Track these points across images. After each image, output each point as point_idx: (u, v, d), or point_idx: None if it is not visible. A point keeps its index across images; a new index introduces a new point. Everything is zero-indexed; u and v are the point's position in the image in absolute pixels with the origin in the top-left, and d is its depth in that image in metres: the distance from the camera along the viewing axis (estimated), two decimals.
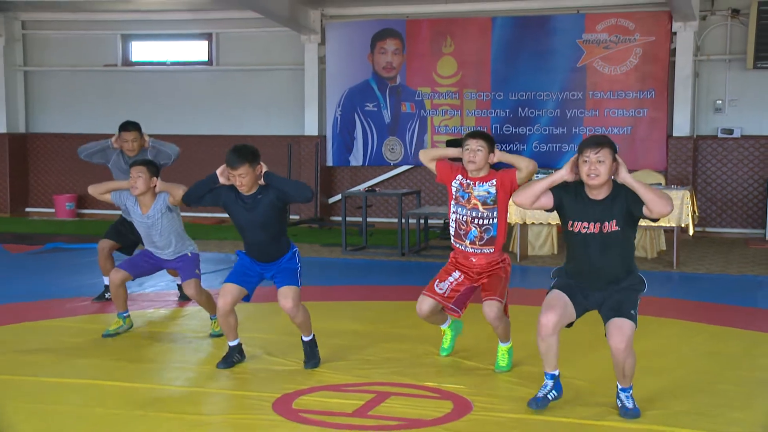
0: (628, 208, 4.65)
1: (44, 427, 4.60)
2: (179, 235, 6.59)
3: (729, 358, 6.09)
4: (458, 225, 5.56)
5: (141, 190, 6.31)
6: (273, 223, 5.57)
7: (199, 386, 5.37)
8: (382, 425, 4.58)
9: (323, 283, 9.35)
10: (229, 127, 15.29)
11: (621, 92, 13.42)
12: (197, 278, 6.56)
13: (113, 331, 6.56)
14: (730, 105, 13.40)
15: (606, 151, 4.63)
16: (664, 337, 6.78)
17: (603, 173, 4.62)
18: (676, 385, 5.39)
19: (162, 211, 6.39)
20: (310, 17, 14.40)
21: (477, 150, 5.44)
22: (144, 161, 6.50)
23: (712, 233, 13.39)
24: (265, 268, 5.70)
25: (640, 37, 13.24)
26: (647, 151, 13.39)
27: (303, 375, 5.50)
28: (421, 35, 14.14)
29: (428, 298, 5.56)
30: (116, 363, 5.88)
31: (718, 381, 5.49)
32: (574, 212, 4.76)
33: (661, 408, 4.88)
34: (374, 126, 14.46)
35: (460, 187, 5.57)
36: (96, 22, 15.69)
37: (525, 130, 13.82)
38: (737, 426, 4.61)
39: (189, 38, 15.71)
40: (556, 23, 13.64)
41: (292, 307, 5.53)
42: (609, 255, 4.73)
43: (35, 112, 16.19)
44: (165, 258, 6.62)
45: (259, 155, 5.49)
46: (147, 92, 15.66)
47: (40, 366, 5.72)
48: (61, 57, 16.07)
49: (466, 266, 5.57)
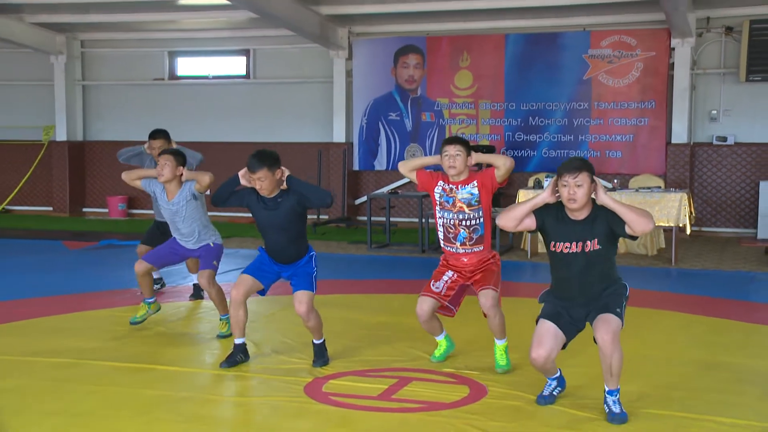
0: (610, 227, 4.41)
1: (103, 404, 4.63)
2: (203, 223, 6.33)
3: (723, 347, 6.05)
4: (446, 229, 5.32)
5: (167, 177, 6.09)
6: (292, 225, 5.36)
7: (236, 371, 5.37)
8: (405, 407, 4.58)
9: (350, 277, 9.38)
10: (264, 134, 15.34)
11: (624, 103, 13.35)
12: (213, 269, 6.27)
13: (140, 317, 6.41)
14: (724, 114, 13.34)
15: (584, 175, 4.39)
16: (663, 328, 6.74)
17: (581, 197, 4.38)
18: (675, 372, 5.36)
19: (187, 199, 6.17)
20: (338, 34, 14.41)
21: (456, 155, 5.18)
22: (171, 150, 6.32)
23: (707, 232, 13.32)
24: (282, 269, 5.47)
25: (642, 52, 13.18)
26: (648, 157, 13.33)
27: (332, 361, 5.49)
28: (440, 51, 14.13)
29: (428, 298, 5.26)
30: (161, 349, 5.92)
31: (713, 368, 5.45)
32: (556, 233, 4.51)
33: (661, 393, 4.85)
34: (397, 134, 14.46)
35: (443, 193, 5.31)
36: (145, 41, 15.80)
37: (535, 137, 13.78)
38: (731, 409, 4.57)
39: (229, 54, 15.77)
40: (564, 40, 13.60)
41: (306, 311, 5.31)
42: (592, 273, 4.48)
43: (92, 121, 16.32)
44: (189, 247, 6.36)
45: (278, 160, 5.28)
46: (191, 103, 15.74)
47: (98, 351, 5.76)
48: (114, 72, 16.19)
49: (458, 266, 5.32)
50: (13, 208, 16.35)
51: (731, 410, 4.56)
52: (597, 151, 13.55)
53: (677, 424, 4.32)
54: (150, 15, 14.29)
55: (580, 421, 4.39)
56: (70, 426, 4.27)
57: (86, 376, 5.18)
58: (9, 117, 16.37)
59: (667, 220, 10.04)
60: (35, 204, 16.16)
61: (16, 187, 16.31)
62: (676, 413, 4.49)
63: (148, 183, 6.30)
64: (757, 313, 7.39)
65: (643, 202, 10.11)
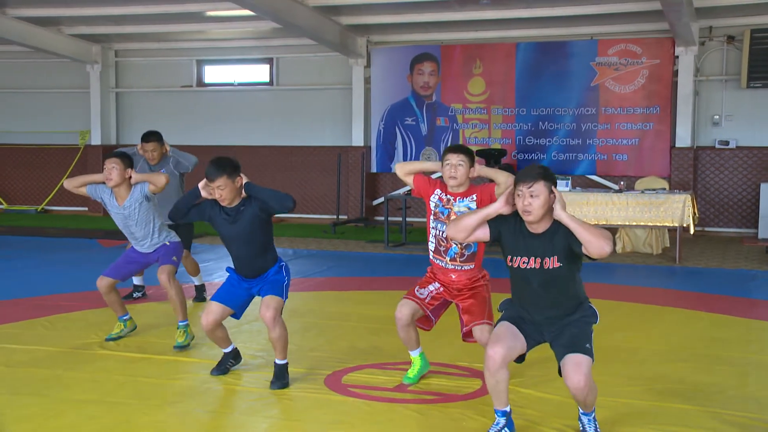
0: (569, 244, 3.77)
1: (134, 393, 4.66)
2: (157, 225, 5.81)
3: (726, 342, 6.01)
4: (438, 241, 4.71)
5: (116, 181, 5.58)
6: (258, 235, 4.82)
7: (259, 363, 5.36)
8: (420, 399, 4.59)
9: (368, 275, 9.39)
10: (287, 139, 15.40)
11: (630, 108, 13.29)
12: (173, 264, 5.77)
13: (115, 335, 5.86)
14: (726, 119, 13.26)
15: (540, 185, 3.76)
16: (667, 324, 6.71)
17: (536, 208, 3.76)
18: (678, 365, 5.33)
19: (139, 201, 5.65)
20: (357, 43, 14.43)
21: (458, 165, 4.59)
22: (117, 153, 5.75)
23: (710, 232, 13.24)
24: (252, 283, 4.91)
25: (647, 60, 13.11)
26: (653, 160, 13.26)
27: (350, 355, 5.50)
28: (454, 59, 14.11)
29: (410, 302, 4.67)
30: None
31: (715, 362, 5.42)
32: (512, 247, 3.92)
33: (663, 386, 4.83)
34: (413, 137, 14.45)
35: (439, 203, 4.72)
36: (175, 50, 15.88)
37: (545, 141, 13.74)
38: (732, 402, 4.54)
39: (253, 62, 15.82)
40: (573, 48, 13.54)
41: (272, 318, 4.68)
42: (552, 291, 3.88)
43: (124, 126, 16.42)
44: (145, 251, 5.85)
45: (239, 167, 4.74)
46: (217, 109, 15.81)
47: (130, 343, 5.79)
48: (146, 80, 16.29)
49: (445, 282, 4.73)
50: (52, 208, 16.48)
51: (732, 403, 4.54)
52: (604, 155, 13.49)
53: (681, 416, 4.30)
54: (179, 26, 14.38)
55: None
56: (106, 414, 4.29)
57: (118, 368, 5.21)
58: (48, 122, 16.52)
59: (672, 220, 9.99)
60: (72, 204, 16.27)
61: (54, 189, 16.44)
62: (679, 405, 4.47)
63: (94, 189, 5.77)
64: (758, 310, 7.34)
65: (648, 203, 10.07)
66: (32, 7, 13.32)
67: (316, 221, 14.94)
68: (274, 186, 5.47)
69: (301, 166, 15.32)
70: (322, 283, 8.68)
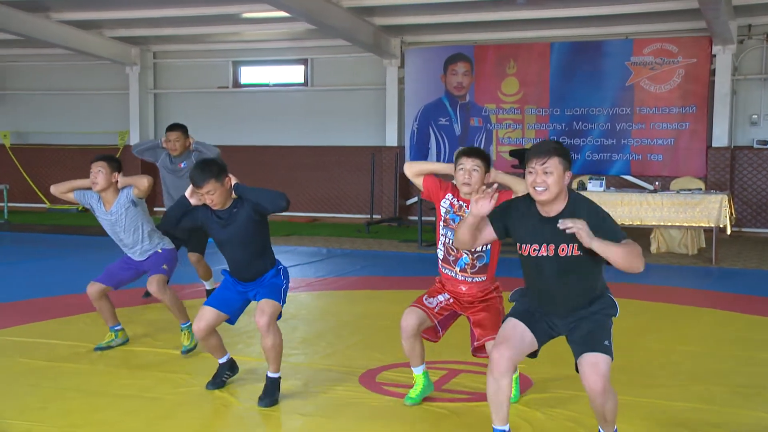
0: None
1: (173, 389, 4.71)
2: (147, 231, 5.49)
3: (763, 344, 5.92)
4: (447, 250, 4.30)
5: (102, 185, 5.26)
6: (254, 237, 4.50)
7: (295, 362, 5.41)
8: (453, 398, 4.57)
9: (401, 274, 9.40)
10: (321, 139, 15.47)
11: (665, 108, 13.14)
12: (163, 274, 5.43)
13: (105, 344, 5.54)
14: (765, 119, 13.09)
15: (555, 161, 3.40)
16: (703, 325, 6.63)
17: (551, 185, 3.39)
18: (713, 367, 5.27)
19: (126, 206, 5.34)
20: (391, 44, 14.45)
21: (473, 170, 4.16)
22: (104, 156, 5.37)
23: (747, 233, 13.05)
24: (248, 287, 4.57)
25: (683, 59, 12.96)
26: (689, 160, 13.10)
27: (384, 353, 5.50)
28: (487, 59, 14.07)
29: (417, 310, 4.27)
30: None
31: (751, 363, 5.35)
32: (522, 233, 3.53)
33: (700, 387, 4.77)
34: (446, 138, 14.43)
35: (450, 209, 4.31)
36: (211, 51, 16.05)
37: (579, 141, 13.64)
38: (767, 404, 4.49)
39: (288, 63, 15.93)
40: (608, 47, 13.44)
41: (266, 324, 4.36)
42: (569, 281, 3.48)
43: (162, 127, 16.56)
44: (136, 259, 5.53)
45: (225, 168, 4.42)
46: (253, 109, 15.93)
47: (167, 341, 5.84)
48: (183, 81, 16.49)
49: (455, 293, 4.32)
50: None
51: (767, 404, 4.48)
52: (639, 155, 13.36)
53: (718, 418, 4.25)
54: (216, 28, 14.52)
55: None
56: (145, 409, 4.35)
57: (155, 364, 5.27)
58: (88, 123, 16.79)
59: (708, 220, 9.87)
60: None
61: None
62: (714, 407, 4.41)
63: (82, 195, 5.45)
64: None
65: (683, 203, 9.95)
66: (74, 10, 13.58)
67: (350, 221, 14.99)
68: (308, 186, 5.45)
69: (335, 166, 15.38)
70: (355, 282, 8.72)
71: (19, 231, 13.51)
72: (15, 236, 12.93)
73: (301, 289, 8.17)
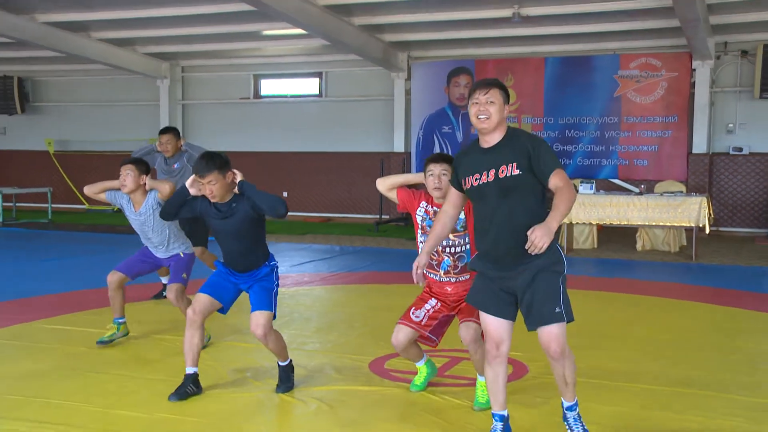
0: (530, 158, 3.25)
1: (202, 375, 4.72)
2: (173, 232, 5.40)
3: (739, 334, 5.91)
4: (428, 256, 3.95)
5: (130, 187, 5.17)
6: (250, 232, 4.31)
7: (308, 350, 5.42)
8: (456, 383, 4.57)
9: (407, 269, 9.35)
10: (334, 145, 15.48)
11: (650, 117, 13.11)
12: (182, 283, 5.29)
13: (108, 338, 5.32)
14: (740, 128, 13.05)
15: (496, 91, 3.31)
16: (685, 317, 6.61)
17: (492, 113, 3.28)
18: (694, 354, 5.25)
19: (153, 207, 5.23)
20: (398, 58, 14.45)
21: (442, 174, 3.98)
22: (132, 159, 5.32)
23: (724, 232, 13.01)
24: (240, 279, 4.38)
25: (666, 73, 12.93)
26: (671, 165, 13.07)
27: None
28: (487, 72, 14.04)
29: (405, 327, 4.13)
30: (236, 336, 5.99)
31: (728, 351, 5.34)
32: (465, 169, 3.38)
33: (682, 372, 4.76)
34: (449, 144, 14.41)
35: (426, 216, 4.11)
36: (234, 66, 16.08)
37: (571, 148, 13.61)
38: (744, 388, 4.47)
39: (304, 76, 15.93)
40: (597, 62, 13.40)
41: (263, 335, 4.23)
42: (512, 204, 3.25)
43: (190, 134, 16.62)
44: (160, 256, 5.44)
45: (228, 163, 4.23)
46: (272, 119, 15.96)
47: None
48: (208, 92, 16.52)
49: (441, 295, 4.17)
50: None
51: (745, 388, 4.46)
52: (626, 160, 13.33)
53: (696, 400, 4.24)
54: (238, 44, 14.55)
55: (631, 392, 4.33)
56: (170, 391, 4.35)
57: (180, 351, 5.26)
58: (122, 131, 16.84)
59: (688, 220, 9.84)
60: None
61: None
62: (695, 391, 4.41)
63: (113, 196, 5.34)
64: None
65: (666, 204, 9.93)
66: (112, 30, 13.65)
67: (360, 221, 15.00)
68: (322, 188, 5.38)
69: (347, 170, 15.39)
70: (366, 276, 8.72)
71: (61, 230, 13.59)
72: (58, 234, 12.99)
73: (316, 283, 8.18)
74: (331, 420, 4.00)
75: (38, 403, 4.17)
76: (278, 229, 12.89)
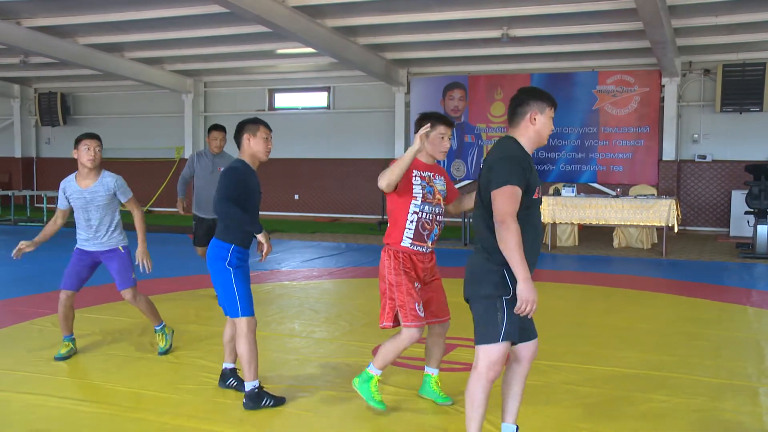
0: None
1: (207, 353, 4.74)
2: (116, 220, 4.73)
3: (703, 321, 5.91)
4: (422, 225, 3.57)
5: (98, 160, 4.56)
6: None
7: (313, 334, 5.42)
8: (452, 367, 4.57)
9: None
10: (341, 152, 15.48)
11: (624, 128, 13.11)
12: (133, 285, 4.72)
13: (65, 353, 4.68)
14: (703, 138, 13.06)
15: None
16: (655, 307, 6.61)
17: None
18: (664, 340, 5.26)
19: (107, 189, 4.59)
20: (399, 74, 14.45)
21: (450, 138, 3.69)
22: (92, 134, 4.61)
23: (690, 230, 13.01)
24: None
25: (639, 88, 12.93)
26: (644, 171, 13.07)
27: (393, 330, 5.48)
28: (479, 87, 14.06)
29: (421, 327, 3.62)
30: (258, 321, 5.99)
31: (695, 338, 5.34)
32: (535, 179, 2.94)
33: (654, 357, 4.77)
34: None
35: (424, 183, 3.61)
36: (251, 81, 16.08)
37: (554, 155, 13.62)
38: (708, 370, 4.48)
39: (314, 90, 15.93)
40: (577, 78, 13.40)
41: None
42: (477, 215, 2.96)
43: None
44: (96, 249, 4.65)
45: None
46: (285, 129, 15.94)
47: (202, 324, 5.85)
48: (227, 105, 16.51)
49: (421, 272, 3.63)
50: (153, 209, 16.83)
51: (708, 370, 4.48)
52: (603, 166, 13.33)
53: (665, 381, 4.25)
54: (255, 62, 14.56)
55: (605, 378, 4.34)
56: (193, 375, 4.36)
57: (202, 338, 5.28)
58: (150, 140, 16.87)
59: (659, 220, 9.84)
60: (169, 206, 16.56)
61: (155, 194, 16.77)
62: (665, 373, 4.42)
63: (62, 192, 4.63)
64: (729, 294, 7.20)
65: (640, 206, 9.93)
66: (143, 50, 13.69)
67: (363, 221, 15.00)
68: (330, 191, 5.33)
69: (352, 174, 15.40)
70: (369, 271, 8.72)
71: None
72: None
73: (324, 277, 8.18)
74: (337, 407, 3.98)
75: (80, 384, 4.21)
76: (290, 228, 12.91)
